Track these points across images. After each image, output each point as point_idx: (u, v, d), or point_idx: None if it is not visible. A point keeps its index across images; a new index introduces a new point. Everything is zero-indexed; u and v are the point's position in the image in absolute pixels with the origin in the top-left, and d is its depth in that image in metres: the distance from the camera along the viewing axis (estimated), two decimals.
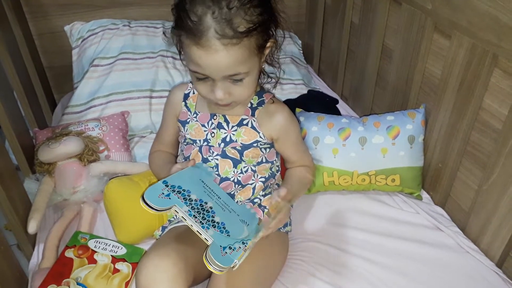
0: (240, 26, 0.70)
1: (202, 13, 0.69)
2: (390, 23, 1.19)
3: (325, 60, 1.65)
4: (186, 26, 0.71)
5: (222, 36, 0.69)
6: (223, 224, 0.75)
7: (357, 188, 1.10)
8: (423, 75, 1.09)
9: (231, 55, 0.71)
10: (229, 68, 0.73)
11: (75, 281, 0.85)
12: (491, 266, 0.91)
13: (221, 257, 0.69)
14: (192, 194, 0.77)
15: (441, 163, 1.06)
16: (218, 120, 0.87)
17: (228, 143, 0.87)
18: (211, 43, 0.70)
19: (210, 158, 0.88)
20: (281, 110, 0.88)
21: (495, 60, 0.85)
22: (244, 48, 0.72)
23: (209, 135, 0.88)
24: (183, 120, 0.91)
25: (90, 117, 1.30)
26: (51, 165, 1.08)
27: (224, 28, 0.69)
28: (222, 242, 0.71)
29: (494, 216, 0.92)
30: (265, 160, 0.90)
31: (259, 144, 0.88)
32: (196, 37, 0.70)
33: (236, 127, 0.87)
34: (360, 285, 0.86)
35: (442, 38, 1.00)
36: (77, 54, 1.47)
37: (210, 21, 0.69)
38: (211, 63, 0.72)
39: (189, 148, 0.90)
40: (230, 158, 0.87)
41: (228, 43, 0.70)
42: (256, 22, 0.72)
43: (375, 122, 1.09)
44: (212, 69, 0.74)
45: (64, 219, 1.01)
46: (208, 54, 0.71)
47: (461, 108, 0.96)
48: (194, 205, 0.75)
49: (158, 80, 1.38)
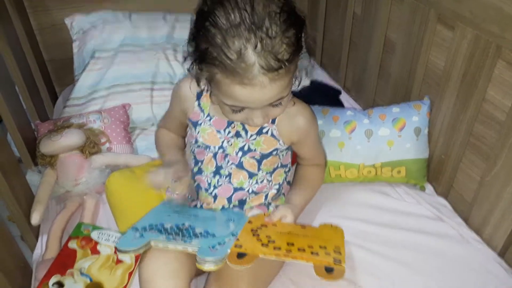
0: (284, 54, 0.63)
1: (242, 48, 0.61)
2: (393, 14, 1.18)
3: (328, 52, 1.65)
4: (223, 64, 0.63)
5: (269, 71, 0.62)
6: (206, 231, 0.76)
7: (363, 180, 1.10)
8: (426, 67, 1.08)
9: (278, 86, 0.65)
10: (274, 98, 0.68)
11: (79, 271, 0.85)
12: (493, 256, 0.92)
13: (211, 253, 0.69)
14: (166, 224, 0.78)
15: (444, 154, 1.06)
16: (236, 129, 0.82)
17: (246, 153, 0.83)
18: (257, 81, 0.63)
19: (224, 166, 0.85)
20: (302, 111, 0.83)
21: (499, 51, 0.85)
22: (289, 74, 0.67)
23: (225, 143, 0.83)
24: (195, 121, 0.85)
25: (91, 109, 1.30)
26: (53, 158, 1.08)
27: (269, 62, 0.62)
28: (209, 243, 0.72)
29: (497, 207, 0.92)
30: (281, 165, 0.88)
31: (278, 151, 0.85)
32: (239, 76, 0.63)
33: (255, 135, 0.82)
34: (362, 275, 0.87)
35: (445, 30, 0.99)
36: (77, 46, 1.46)
37: (252, 56, 0.61)
38: (256, 98, 0.66)
39: (201, 153, 0.86)
40: (246, 170, 0.85)
41: (275, 77, 0.64)
42: (295, 43, 0.65)
43: (381, 114, 1.08)
44: (256, 103, 0.68)
45: (67, 210, 1.02)
46: (254, 92, 0.64)
47: (464, 100, 0.96)
48: (171, 231, 0.75)
49: (159, 72, 1.38)
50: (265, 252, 0.71)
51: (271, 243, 0.74)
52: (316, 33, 1.66)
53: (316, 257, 0.71)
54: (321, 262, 0.71)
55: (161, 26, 1.48)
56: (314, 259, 0.71)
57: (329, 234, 0.82)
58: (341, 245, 0.77)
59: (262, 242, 0.74)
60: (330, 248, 0.75)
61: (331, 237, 0.80)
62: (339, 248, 0.76)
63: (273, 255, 0.71)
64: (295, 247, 0.73)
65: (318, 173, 0.95)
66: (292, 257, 0.71)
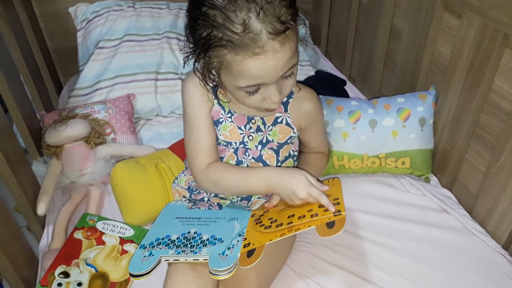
0: (286, 15, 0.64)
1: (246, 19, 0.61)
2: (399, 2, 1.16)
3: (333, 41, 1.63)
4: (230, 41, 0.62)
5: (277, 34, 0.62)
6: (213, 237, 0.76)
7: (367, 171, 1.09)
8: (432, 55, 1.07)
9: (288, 49, 0.65)
10: (286, 65, 0.67)
11: (84, 261, 0.86)
12: (497, 248, 0.91)
13: (223, 262, 0.70)
14: (172, 235, 0.78)
15: (450, 145, 1.05)
16: (257, 124, 0.82)
17: (265, 144, 0.84)
18: (268, 47, 0.63)
19: (244, 160, 0.85)
20: (310, 96, 0.84)
21: (506, 40, 0.83)
22: (295, 37, 0.66)
23: (246, 138, 0.83)
24: (216, 120, 0.83)
25: (96, 99, 1.30)
26: (58, 148, 1.09)
27: (274, 25, 0.62)
28: (218, 250, 0.72)
29: (502, 199, 0.91)
30: (292, 154, 0.88)
31: (292, 139, 0.85)
32: (249, 47, 0.62)
33: (271, 126, 0.83)
34: (365, 266, 0.87)
35: (452, 18, 0.97)
36: (82, 36, 1.46)
37: (258, 24, 0.62)
38: (271, 68, 0.65)
39: (223, 150, 0.85)
40: (263, 162, 0.85)
41: (283, 39, 0.63)
42: (293, 3, 0.65)
43: (385, 104, 1.07)
44: (271, 74, 0.66)
45: (72, 201, 1.03)
46: (267, 60, 0.64)
47: (471, 90, 0.94)
48: (179, 242, 0.76)
49: (163, 62, 1.37)
50: (270, 237, 0.71)
51: (273, 223, 0.74)
52: (321, 22, 1.64)
53: (315, 219, 0.71)
54: (322, 221, 0.70)
55: (165, 15, 1.47)
56: (314, 221, 0.71)
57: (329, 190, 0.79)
58: (339, 195, 0.76)
59: (265, 225, 0.74)
60: None
61: (330, 191, 0.78)
62: (338, 199, 0.75)
63: (278, 236, 0.71)
64: (295, 217, 0.73)
65: (321, 159, 0.96)
66: (295, 229, 0.71)
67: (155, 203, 0.95)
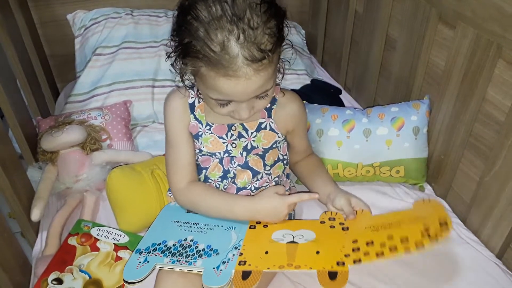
0: (267, 44, 0.64)
1: (225, 40, 0.62)
2: (394, 12, 1.18)
3: (329, 51, 1.64)
4: (207, 57, 0.63)
5: (253, 61, 0.63)
6: (209, 247, 0.76)
7: (361, 180, 1.10)
8: (426, 66, 1.08)
9: (262, 77, 0.65)
10: (259, 90, 0.68)
11: (78, 268, 0.85)
12: (491, 257, 0.91)
13: (217, 279, 0.69)
14: (169, 241, 0.78)
15: (443, 154, 1.05)
16: (237, 131, 0.83)
17: (250, 151, 0.84)
18: (242, 72, 0.63)
19: (231, 169, 0.85)
20: (293, 99, 0.85)
21: (499, 51, 0.84)
22: (272, 65, 0.67)
23: (229, 146, 0.84)
24: (194, 134, 0.84)
25: (92, 106, 1.30)
26: (54, 154, 1.09)
27: (252, 52, 0.62)
28: (213, 263, 0.72)
29: (495, 208, 0.91)
30: (280, 158, 0.89)
31: (277, 143, 0.86)
32: (223, 68, 0.63)
33: (255, 132, 0.83)
34: (359, 274, 0.87)
35: (446, 29, 0.99)
36: (79, 43, 1.47)
37: (236, 48, 0.62)
38: (241, 91, 0.66)
39: (207, 160, 0.86)
40: (250, 169, 0.85)
41: (259, 67, 0.64)
42: (276, 33, 0.66)
43: (380, 113, 1.08)
44: (241, 96, 0.68)
45: (67, 207, 1.02)
46: (238, 83, 0.64)
47: (465, 100, 0.95)
48: (174, 250, 0.75)
49: (160, 69, 1.38)
50: (268, 265, 0.70)
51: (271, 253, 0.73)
52: (318, 32, 1.66)
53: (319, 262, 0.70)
54: (324, 266, 0.69)
55: (163, 23, 1.48)
56: (317, 264, 0.70)
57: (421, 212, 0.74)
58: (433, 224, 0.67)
59: (265, 250, 0.73)
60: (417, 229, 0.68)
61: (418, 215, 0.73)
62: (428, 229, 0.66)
63: (276, 267, 0.70)
64: None
65: (317, 158, 0.99)
66: (295, 266, 0.69)
67: (150, 210, 0.95)
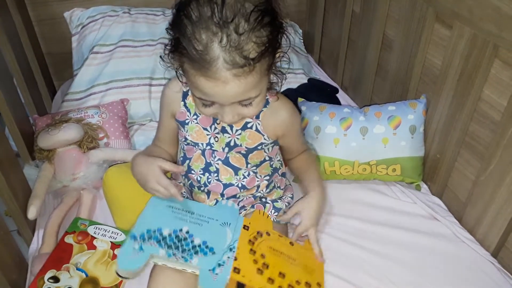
0: (251, 52, 0.63)
1: (208, 41, 0.62)
2: (391, 12, 1.18)
3: (326, 50, 1.64)
4: (190, 54, 0.64)
5: (233, 66, 0.62)
6: (205, 243, 0.76)
7: (358, 178, 1.10)
8: (423, 65, 1.08)
9: (242, 84, 0.65)
10: (239, 96, 0.68)
11: (75, 266, 0.86)
12: (486, 256, 0.92)
13: (213, 282, 0.70)
14: (164, 229, 0.77)
15: (439, 153, 1.06)
16: (221, 125, 0.83)
17: (232, 148, 0.84)
18: (220, 75, 0.63)
19: (212, 162, 0.86)
20: (283, 106, 0.84)
21: (496, 50, 0.85)
22: (256, 74, 0.66)
23: (212, 139, 0.84)
24: (182, 121, 0.85)
25: (89, 104, 1.30)
26: (51, 152, 1.09)
27: (234, 57, 0.62)
28: (209, 265, 0.72)
29: (491, 207, 0.92)
30: (267, 159, 0.89)
31: (263, 146, 0.85)
32: (203, 68, 0.63)
33: (240, 130, 0.83)
34: (355, 273, 0.87)
35: (443, 28, 0.99)
36: (77, 41, 1.46)
37: (217, 50, 0.62)
38: (219, 93, 0.66)
39: (191, 150, 0.87)
40: (231, 167, 0.86)
41: (239, 73, 0.63)
42: (266, 43, 0.65)
43: (376, 112, 1.09)
44: (221, 98, 0.68)
45: (64, 205, 1.02)
46: (216, 86, 0.65)
47: (461, 99, 0.96)
48: (170, 242, 0.75)
49: (157, 67, 1.37)
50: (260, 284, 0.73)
51: (265, 268, 0.75)
52: (315, 31, 1.66)
53: None
54: None
55: (160, 21, 1.47)
56: None
57: (312, 262, 0.84)
58: (321, 280, 0.82)
59: (258, 267, 0.75)
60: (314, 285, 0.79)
61: (314, 267, 0.83)
62: (320, 285, 0.80)
63: None
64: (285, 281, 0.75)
65: (309, 155, 0.97)
66: None
67: None
